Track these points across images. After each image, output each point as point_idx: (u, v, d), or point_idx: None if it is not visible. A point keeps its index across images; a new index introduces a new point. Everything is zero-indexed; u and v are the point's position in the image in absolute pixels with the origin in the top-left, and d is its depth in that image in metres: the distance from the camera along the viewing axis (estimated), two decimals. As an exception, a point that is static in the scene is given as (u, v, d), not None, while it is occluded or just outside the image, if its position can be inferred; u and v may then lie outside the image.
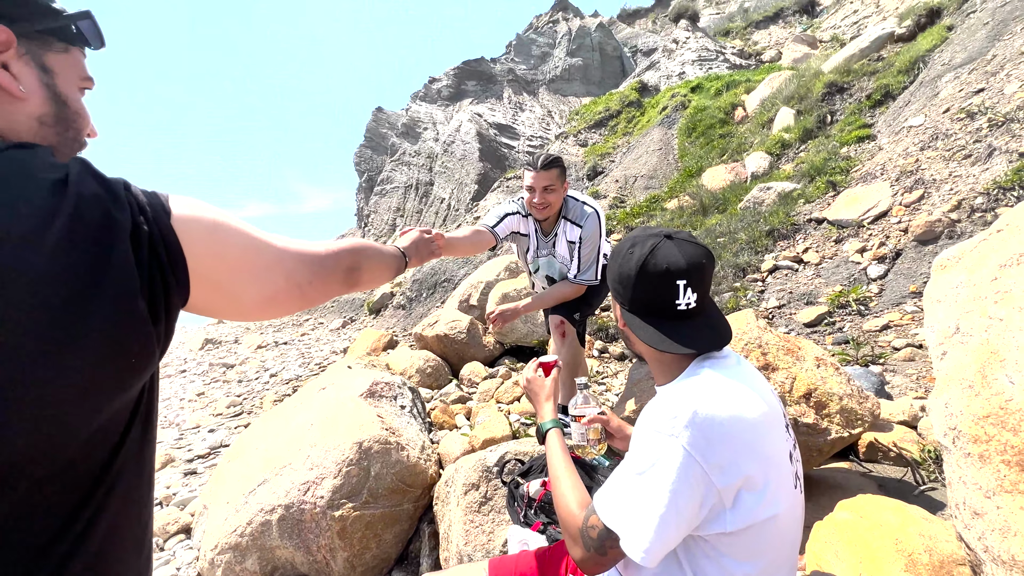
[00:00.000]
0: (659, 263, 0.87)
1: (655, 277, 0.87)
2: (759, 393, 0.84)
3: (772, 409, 0.83)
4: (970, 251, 1.08)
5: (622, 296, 0.94)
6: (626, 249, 0.93)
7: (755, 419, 0.79)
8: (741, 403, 0.80)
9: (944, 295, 1.05)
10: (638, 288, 0.89)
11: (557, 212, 2.17)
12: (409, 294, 11.43)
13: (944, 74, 6.60)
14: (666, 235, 0.92)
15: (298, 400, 3.10)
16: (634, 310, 0.92)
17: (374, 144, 25.46)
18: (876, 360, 2.73)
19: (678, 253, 0.88)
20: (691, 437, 0.75)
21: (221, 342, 14.51)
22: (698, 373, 0.85)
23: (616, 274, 0.95)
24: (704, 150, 10.10)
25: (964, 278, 1.01)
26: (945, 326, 1.00)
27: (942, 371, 0.98)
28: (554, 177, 2.07)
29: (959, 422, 0.88)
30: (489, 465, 1.76)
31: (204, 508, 2.64)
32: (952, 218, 3.71)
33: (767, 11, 22.28)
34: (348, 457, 2.25)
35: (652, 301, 0.89)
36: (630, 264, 0.90)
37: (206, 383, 8.07)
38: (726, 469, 0.75)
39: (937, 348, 1.02)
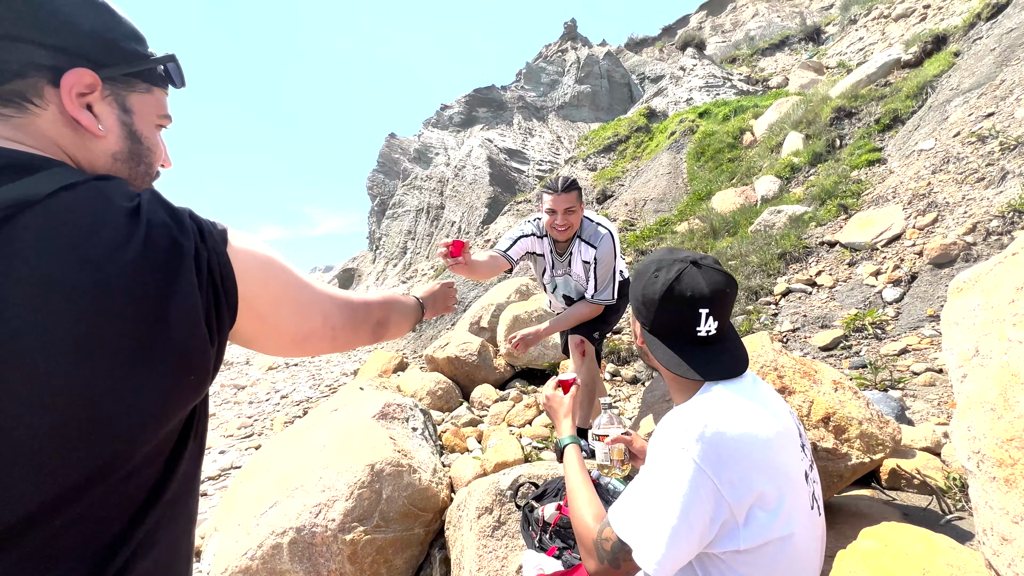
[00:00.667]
0: (683, 290, 0.89)
1: (678, 303, 0.90)
2: (772, 412, 0.85)
3: (786, 428, 0.84)
4: (986, 274, 1.08)
5: (644, 317, 0.97)
6: (652, 272, 0.95)
7: (767, 437, 0.79)
8: (753, 420, 0.81)
9: (961, 318, 1.05)
10: (660, 312, 0.92)
11: (576, 231, 2.21)
12: (419, 316, 11.48)
13: (953, 99, 6.64)
14: (692, 261, 0.94)
15: (310, 421, 3.11)
16: (655, 332, 0.95)
17: (386, 169, 26.01)
18: (895, 385, 2.68)
19: (703, 281, 0.90)
20: (702, 451, 0.76)
21: (232, 363, 14.62)
22: (711, 390, 0.87)
23: (640, 295, 0.97)
24: (713, 174, 10.17)
25: (981, 300, 1.01)
26: (964, 348, 1.00)
27: (963, 394, 0.97)
28: (574, 199, 2.11)
29: (983, 445, 0.86)
30: (502, 488, 1.74)
31: (215, 530, 2.63)
32: (968, 241, 3.68)
33: (773, 39, 22.70)
34: (360, 479, 2.25)
35: (673, 325, 0.91)
36: (654, 288, 0.92)
37: (217, 404, 8.11)
38: (737, 485, 0.76)
39: (957, 371, 1.01)
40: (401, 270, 20.75)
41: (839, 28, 20.14)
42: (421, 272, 18.07)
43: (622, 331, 5.49)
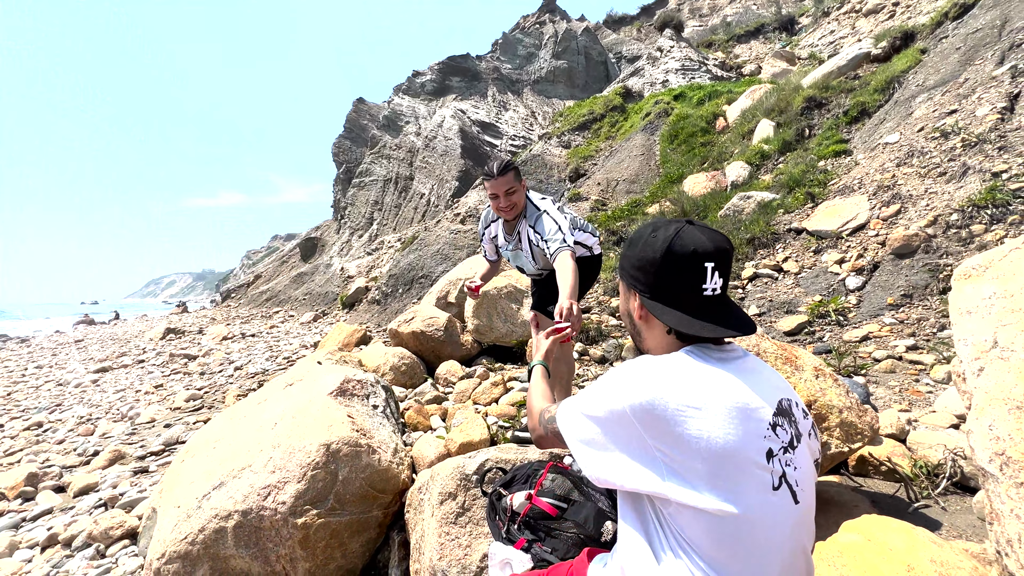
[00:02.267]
0: (686, 245, 0.83)
1: (682, 259, 0.83)
2: (740, 386, 0.79)
3: (751, 405, 0.78)
4: (998, 260, 1.03)
5: (643, 283, 0.89)
6: (648, 234, 0.89)
7: (716, 411, 0.75)
8: (704, 392, 0.76)
9: (974, 306, 1.00)
10: (663, 272, 0.85)
11: (522, 209, 2.25)
12: (384, 289, 11.18)
13: (918, 94, 6.81)
14: (688, 221, 0.88)
15: (262, 396, 2.91)
16: (656, 296, 0.87)
17: (354, 135, 24.93)
18: (858, 371, 2.73)
19: (703, 236, 0.84)
20: (639, 409, 0.77)
21: (185, 332, 13.93)
22: (683, 354, 0.83)
23: (637, 259, 0.89)
24: (686, 157, 10.19)
25: (997, 288, 0.96)
26: (980, 339, 0.94)
27: (981, 389, 0.91)
28: (511, 180, 2.14)
29: (1008, 447, 0.81)
30: (468, 473, 1.64)
31: (153, 511, 2.44)
32: (929, 233, 3.78)
33: (748, 26, 22.82)
34: (314, 460, 2.10)
35: (678, 285, 0.84)
36: (654, 247, 0.85)
37: (165, 375, 7.67)
38: (667, 447, 0.76)
39: (972, 363, 0.96)
40: (367, 241, 20.12)
41: (812, 20, 20.43)
42: (387, 244, 17.57)
43: (590, 310, 5.46)
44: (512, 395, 3.32)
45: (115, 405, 5.86)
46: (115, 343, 13.21)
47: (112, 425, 4.82)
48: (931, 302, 3.29)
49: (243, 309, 20.30)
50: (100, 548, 2.46)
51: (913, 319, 3.19)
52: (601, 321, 4.68)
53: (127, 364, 9.12)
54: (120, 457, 3.77)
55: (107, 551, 2.44)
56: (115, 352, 10.89)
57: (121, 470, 3.50)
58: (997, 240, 3.41)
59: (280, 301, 18.94)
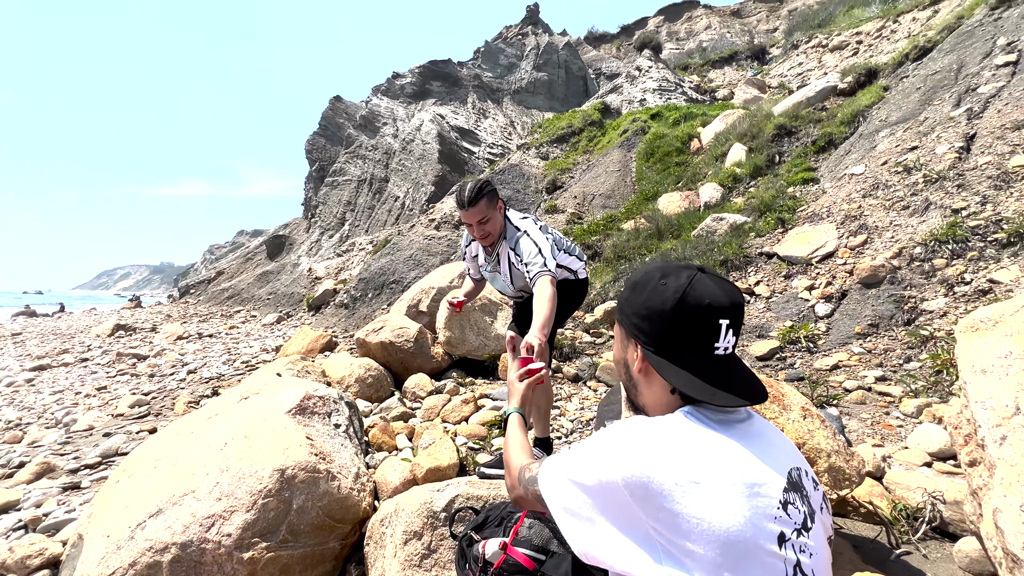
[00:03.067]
0: (701, 298, 0.75)
1: (695, 313, 0.75)
2: (753, 455, 0.70)
3: (762, 481, 0.69)
4: (1010, 315, 1.01)
5: (647, 334, 0.79)
6: (656, 280, 0.79)
7: (722, 487, 0.66)
8: (708, 467, 0.68)
9: (989, 365, 0.96)
10: (673, 326, 0.76)
11: (499, 234, 2.15)
12: (354, 293, 10.86)
13: (881, 129, 7.13)
14: (699, 268, 0.79)
15: (213, 410, 2.69)
16: (662, 351, 0.77)
17: (329, 133, 24.40)
18: (830, 401, 2.75)
19: (718, 289, 0.76)
20: (632, 483, 0.68)
21: (136, 329, 13.17)
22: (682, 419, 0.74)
23: (643, 307, 0.80)
24: (661, 175, 10.37)
25: (1014, 348, 0.92)
26: (1001, 404, 0.90)
27: (1005, 460, 0.87)
28: (484, 209, 2.04)
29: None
30: (436, 510, 1.51)
31: (79, 538, 2.19)
32: (894, 264, 3.89)
33: (723, 52, 23.69)
34: (266, 487, 1.92)
35: (688, 342, 0.76)
36: (664, 296, 0.77)
37: (110, 376, 7.16)
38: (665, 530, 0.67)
39: (994, 430, 0.91)
40: (337, 242, 19.61)
41: (782, 51, 21.36)
42: (359, 246, 17.16)
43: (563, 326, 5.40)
44: (482, 414, 3.20)
45: (50, 409, 5.40)
46: (57, 338, 12.35)
47: (44, 432, 4.43)
48: (897, 333, 3.37)
49: (202, 307, 19.40)
50: (14, 579, 2.19)
51: (880, 349, 3.26)
52: (576, 337, 4.62)
53: (68, 363, 8.49)
54: (49, 470, 3.43)
55: (23, 583, 2.18)
56: (56, 348, 10.15)
57: (49, 485, 3.18)
58: (958, 275, 3.54)
59: (242, 300, 18.20)
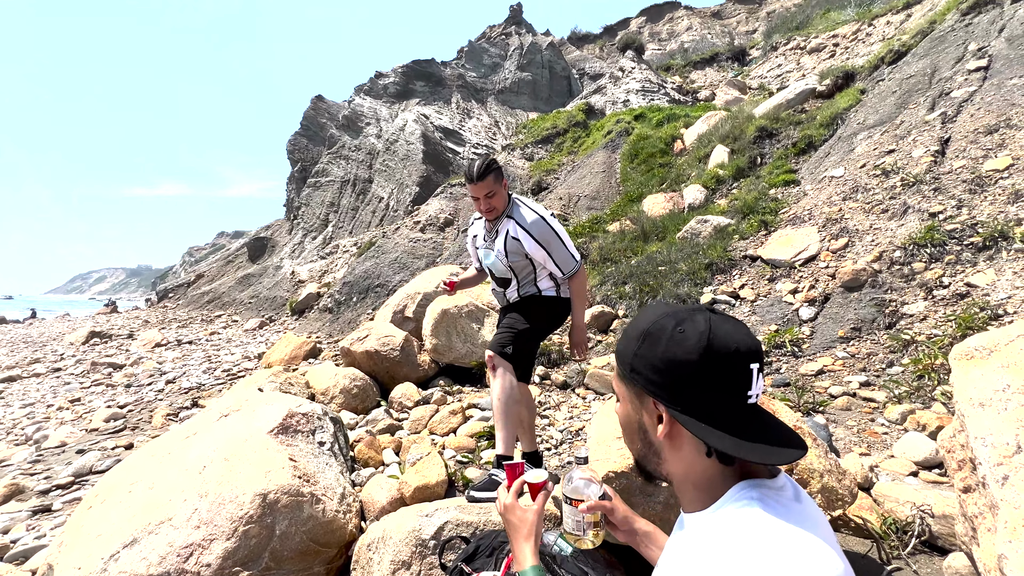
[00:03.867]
0: (728, 343, 0.65)
1: (726, 361, 0.65)
2: (832, 546, 0.61)
3: (847, 568, 0.63)
4: (1005, 345, 1.00)
5: (670, 392, 0.68)
6: (672, 328, 0.69)
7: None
8: (822, 570, 0.57)
9: (987, 398, 0.96)
10: (703, 378, 0.66)
11: (503, 210, 2.26)
12: (338, 296, 10.70)
13: (859, 132, 7.26)
14: (708, 309, 0.71)
15: (191, 429, 2.60)
16: (691, 410, 0.66)
17: (311, 133, 24.03)
18: (817, 407, 2.77)
19: (740, 331, 0.67)
20: None
21: (112, 336, 12.82)
22: (750, 509, 0.62)
23: (660, 361, 0.68)
24: (645, 177, 10.43)
25: (1012, 381, 0.92)
26: (1002, 441, 0.90)
27: (1008, 502, 0.86)
28: (491, 183, 2.16)
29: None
30: (424, 538, 1.47)
31: (49, 569, 2.09)
32: (875, 268, 3.96)
33: (704, 54, 23.96)
34: (248, 513, 1.86)
35: (719, 393, 0.66)
36: (687, 346, 0.66)
37: (84, 387, 6.94)
38: None
39: (995, 469, 0.91)
40: (321, 244, 19.32)
41: (761, 53, 21.69)
42: (343, 248, 16.93)
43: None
44: (471, 425, 3.16)
45: (20, 424, 5.21)
46: (28, 347, 11.95)
47: (13, 450, 4.25)
48: (879, 337, 3.43)
49: (181, 311, 18.96)
50: (-21, 614, 2.08)
51: (864, 353, 3.30)
52: (563, 343, 4.61)
53: (40, 373, 8.22)
54: (18, 492, 3.29)
55: (-12, 618, 2.07)
56: (27, 358, 9.81)
57: (17, 509, 3.04)
58: (936, 279, 3.61)
59: (223, 304, 17.83)
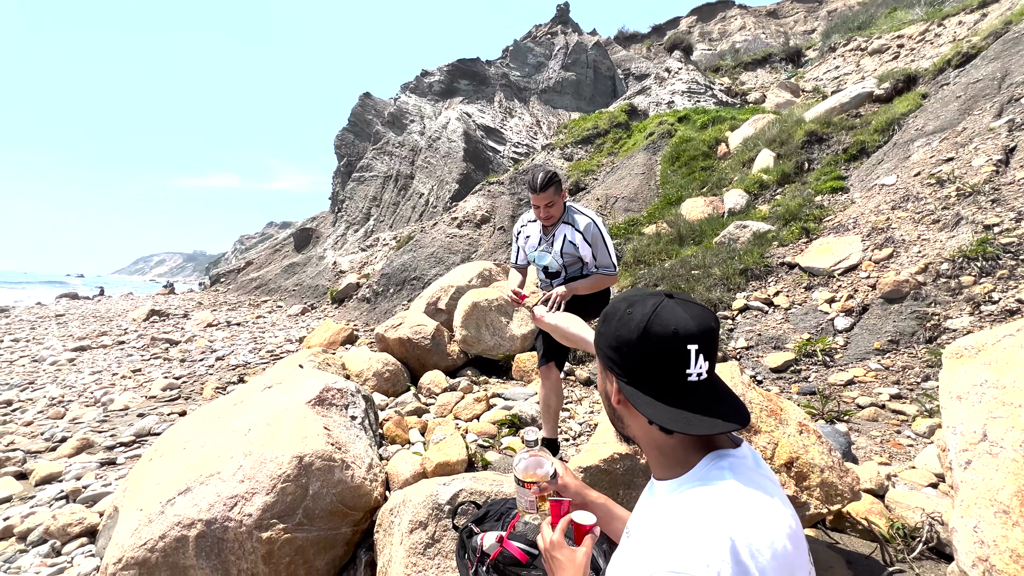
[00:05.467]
0: (666, 324, 0.73)
1: (662, 342, 0.73)
2: (787, 508, 0.70)
3: (798, 527, 0.70)
4: (991, 344, 1.02)
5: (620, 366, 0.78)
6: (623, 310, 0.78)
7: (790, 549, 0.65)
8: (776, 527, 0.65)
9: (965, 392, 0.98)
10: (641, 355, 0.75)
11: (559, 218, 2.51)
12: (376, 287, 11.10)
13: (916, 139, 6.91)
14: (667, 294, 0.78)
15: (239, 398, 2.85)
16: (636, 383, 0.76)
17: (357, 129, 24.85)
18: (841, 417, 2.73)
19: (685, 314, 0.74)
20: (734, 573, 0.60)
21: (169, 314, 13.73)
22: (718, 479, 0.70)
23: (612, 339, 0.79)
24: (685, 180, 10.26)
25: (989, 376, 0.95)
26: (970, 430, 0.93)
27: (967, 484, 0.90)
28: (551, 195, 2.40)
29: (992, 554, 0.79)
30: (441, 503, 1.60)
31: (115, 510, 2.36)
32: (919, 280, 3.81)
33: (756, 55, 23.16)
34: (285, 472, 2.05)
35: (658, 371, 0.74)
36: (630, 327, 0.75)
37: (144, 359, 7.54)
38: None
39: (960, 454, 0.94)
40: (362, 236, 19.99)
41: (818, 54, 20.76)
42: (382, 242, 17.47)
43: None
44: (494, 412, 3.29)
45: (89, 388, 5.74)
46: (97, 321, 12.99)
47: (84, 410, 4.71)
48: (917, 351, 3.31)
49: (231, 295, 20.06)
50: (56, 545, 2.38)
51: (898, 366, 3.21)
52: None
53: (106, 344, 8.96)
54: (88, 446, 3.67)
55: (63, 549, 2.36)
56: (95, 331, 10.69)
57: (88, 460, 3.40)
58: (985, 294, 3.45)
59: (270, 290, 18.75)
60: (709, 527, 0.64)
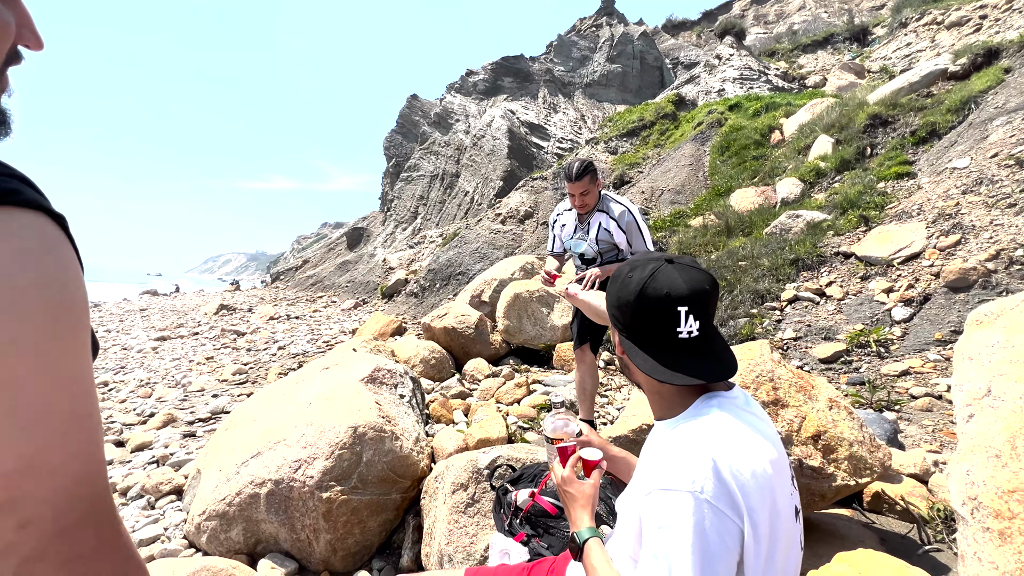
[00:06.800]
0: (659, 288, 0.82)
1: (655, 302, 0.82)
2: (769, 439, 0.79)
3: (781, 457, 0.78)
4: (1010, 309, 1.02)
5: (621, 322, 0.89)
6: (625, 273, 0.89)
7: (770, 472, 0.73)
8: (757, 452, 0.74)
9: (977, 353, 0.99)
10: (637, 314, 0.85)
11: (593, 206, 2.57)
12: (423, 283, 11.48)
13: (996, 117, 6.36)
14: (667, 259, 0.87)
15: (300, 377, 3.12)
16: (632, 338, 0.87)
17: (405, 131, 25.62)
18: (891, 406, 2.63)
19: (679, 278, 0.83)
20: (716, 490, 0.68)
21: (236, 309, 14.78)
22: (706, 413, 0.79)
23: (615, 299, 0.90)
24: (736, 170, 9.92)
25: (1001, 338, 0.95)
26: (975, 387, 0.94)
27: (967, 435, 0.92)
28: (586, 183, 2.48)
29: (980, 492, 0.82)
30: (480, 467, 1.73)
31: (198, 472, 2.68)
32: (988, 268, 3.56)
33: (817, 35, 21.82)
34: (342, 440, 2.25)
35: (652, 328, 0.84)
36: (629, 288, 0.86)
37: (216, 348, 8.22)
38: (757, 525, 0.69)
39: (964, 409, 0.96)
40: (410, 234, 20.66)
41: (887, 31, 19.28)
42: (429, 239, 17.99)
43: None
44: (534, 397, 3.40)
45: (170, 372, 6.36)
46: (174, 314, 14.21)
47: (167, 391, 5.25)
48: (983, 341, 3.11)
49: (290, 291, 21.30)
50: (151, 500, 2.73)
51: (960, 357, 3.03)
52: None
53: (183, 335, 9.82)
54: (172, 420, 4.11)
55: (156, 504, 2.70)
56: (174, 323, 11.72)
57: (172, 432, 3.82)
58: (1065, 281, 3.18)
59: (325, 287, 19.76)
60: (695, 450, 0.73)
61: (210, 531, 2.23)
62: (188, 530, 2.35)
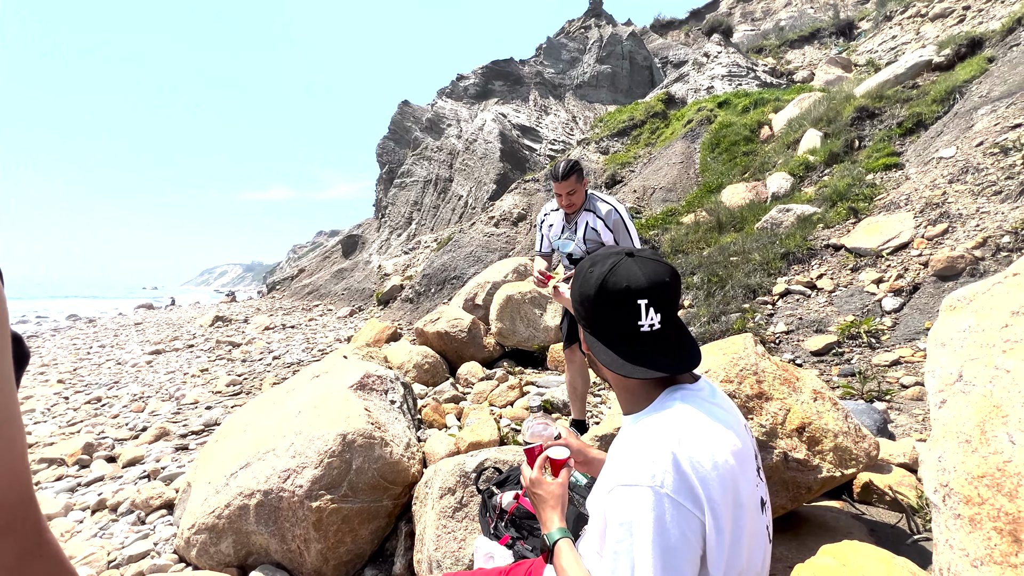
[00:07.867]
0: (619, 281, 0.82)
1: (614, 297, 0.82)
2: (734, 430, 0.78)
3: (745, 447, 0.78)
4: (982, 294, 1.01)
5: (584, 318, 0.89)
6: (586, 268, 0.88)
7: (732, 463, 0.73)
8: (718, 444, 0.73)
9: (949, 338, 0.98)
10: (598, 309, 0.84)
11: (580, 206, 2.59)
12: (418, 288, 11.46)
13: (981, 106, 6.40)
14: (627, 253, 0.87)
15: (291, 386, 3.10)
16: (596, 333, 0.86)
17: (397, 137, 25.63)
18: (882, 396, 2.63)
19: (638, 271, 0.82)
20: (676, 484, 0.68)
21: (231, 320, 14.72)
22: (669, 407, 0.78)
23: (577, 294, 0.89)
24: (726, 166, 9.95)
25: (973, 322, 0.94)
26: (947, 372, 0.93)
27: (939, 421, 0.91)
28: (573, 183, 2.48)
29: (951, 479, 0.81)
30: (467, 470, 1.72)
31: (188, 485, 2.65)
32: (976, 255, 3.57)
33: (803, 31, 21.97)
34: (331, 448, 2.23)
35: (613, 322, 0.83)
36: (589, 283, 0.85)
37: (211, 360, 8.17)
38: (717, 517, 0.69)
39: (936, 395, 0.95)
40: (405, 240, 20.64)
41: (873, 24, 19.44)
42: (424, 244, 17.97)
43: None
44: (527, 399, 3.39)
45: (164, 385, 6.31)
46: (169, 327, 14.13)
47: (160, 404, 5.21)
48: (972, 329, 3.12)
49: (286, 301, 21.23)
50: (141, 515, 2.69)
51: (950, 345, 3.04)
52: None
53: (178, 348, 9.76)
54: (165, 434, 4.07)
55: (147, 518, 2.67)
56: (169, 336, 11.66)
57: (165, 446, 3.79)
58: (1051, 266, 3.20)
59: (321, 295, 19.70)
60: (655, 444, 0.73)
61: (200, 544, 2.20)
62: (178, 544, 2.32)
